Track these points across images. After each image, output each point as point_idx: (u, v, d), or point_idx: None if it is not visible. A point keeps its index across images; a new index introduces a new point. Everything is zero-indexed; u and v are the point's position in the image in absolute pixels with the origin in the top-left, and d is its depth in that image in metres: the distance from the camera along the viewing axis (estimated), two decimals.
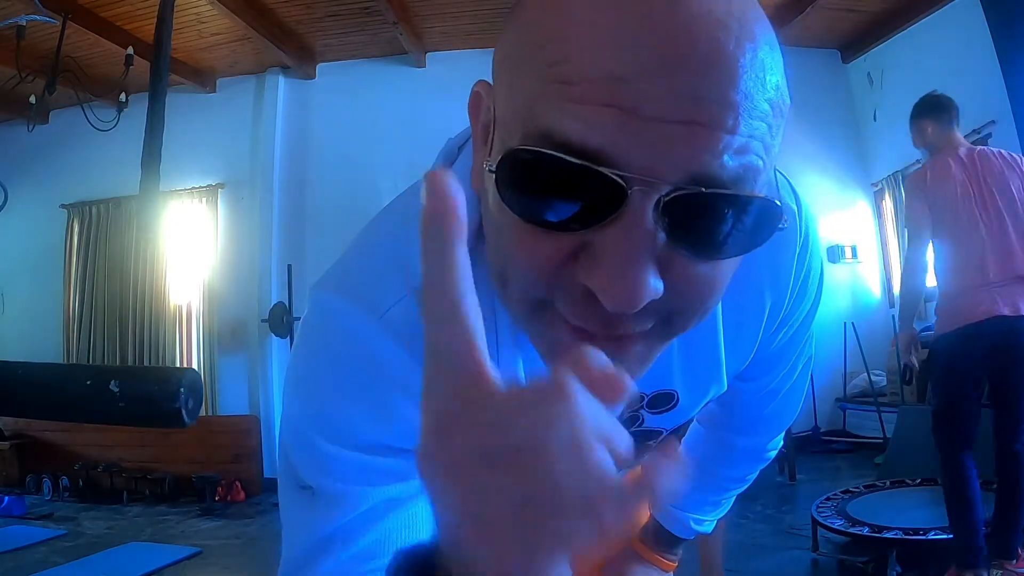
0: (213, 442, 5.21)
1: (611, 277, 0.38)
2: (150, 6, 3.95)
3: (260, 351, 5.50)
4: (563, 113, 0.38)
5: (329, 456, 0.52)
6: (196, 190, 5.83)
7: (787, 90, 0.42)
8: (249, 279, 5.61)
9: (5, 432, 5.76)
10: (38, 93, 4.41)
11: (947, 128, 2.62)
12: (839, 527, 3.02)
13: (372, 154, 5.71)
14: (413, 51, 5.52)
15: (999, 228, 2.36)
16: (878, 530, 2.89)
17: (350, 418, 0.52)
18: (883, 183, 5.65)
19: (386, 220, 0.70)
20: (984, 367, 2.37)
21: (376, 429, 0.52)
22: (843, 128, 5.88)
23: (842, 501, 3.32)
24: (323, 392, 0.54)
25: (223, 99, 5.94)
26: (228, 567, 3.51)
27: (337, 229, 5.61)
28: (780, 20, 5.33)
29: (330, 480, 0.52)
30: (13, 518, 4.50)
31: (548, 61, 0.39)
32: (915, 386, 4.50)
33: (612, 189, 0.37)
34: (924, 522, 2.89)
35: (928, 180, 2.50)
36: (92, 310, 5.89)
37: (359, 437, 0.52)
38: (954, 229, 2.41)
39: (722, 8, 0.38)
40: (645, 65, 0.37)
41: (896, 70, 5.46)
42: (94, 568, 3.45)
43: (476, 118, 0.53)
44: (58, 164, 6.12)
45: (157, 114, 2.89)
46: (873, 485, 3.54)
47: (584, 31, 0.38)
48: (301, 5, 4.95)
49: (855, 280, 5.73)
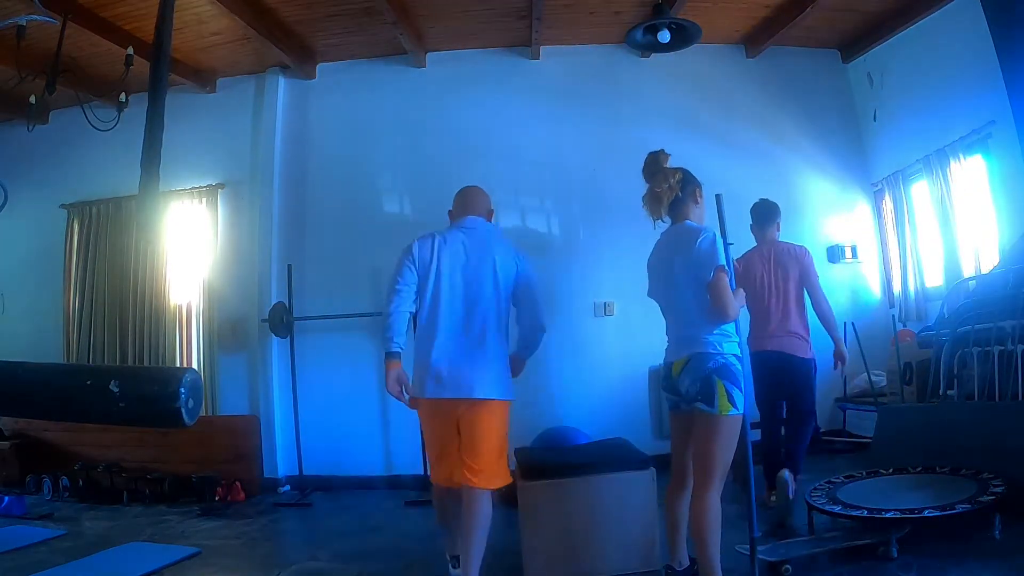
0: (213, 442, 5.21)
1: None
2: (150, 6, 3.94)
3: (260, 351, 5.50)
4: None
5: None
6: (196, 190, 5.83)
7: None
8: (249, 279, 5.61)
9: (5, 432, 5.76)
10: (38, 93, 4.41)
11: (761, 229, 4.04)
12: (838, 512, 3.08)
13: (372, 154, 5.72)
14: (413, 51, 5.52)
15: (779, 299, 3.84)
16: (877, 512, 2.94)
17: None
18: (883, 183, 5.65)
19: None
20: (772, 379, 3.83)
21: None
22: (843, 128, 5.88)
23: (830, 488, 3.39)
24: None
25: (223, 99, 5.94)
26: (228, 567, 3.51)
27: (337, 229, 5.63)
28: (780, 20, 5.33)
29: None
30: (13, 518, 4.50)
31: None
32: (915, 386, 4.52)
33: None
34: (916, 503, 2.98)
35: (739, 269, 3.85)
36: (92, 310, 5.89)
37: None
38: (753, 299, 3.88)
39: None
40: None
41: (896, 70, 5.46)
42: (94, 568, 3.45)
43: None
44: (58, 164, 6.12)
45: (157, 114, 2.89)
46: (852, 475, 3.60)
47: None
48: (301, 5, 4.95)
49: (855, 280, 5.73)
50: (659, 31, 4.61)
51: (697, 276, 2.47)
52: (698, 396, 2.42)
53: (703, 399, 2.41)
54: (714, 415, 2.39)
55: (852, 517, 3.02)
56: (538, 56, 5.69)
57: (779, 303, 3.82)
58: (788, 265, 3.84)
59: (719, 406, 2.38)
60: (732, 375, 2.41)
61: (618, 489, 3.06)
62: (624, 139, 5.40)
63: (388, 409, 5.40)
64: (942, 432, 3.63)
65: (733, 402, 2.39)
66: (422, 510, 4.58)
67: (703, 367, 2.42)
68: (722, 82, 5.79)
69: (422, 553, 3.56)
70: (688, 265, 2.50)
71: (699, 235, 2.50)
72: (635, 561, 2.98)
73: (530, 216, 5.57)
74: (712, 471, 2.41)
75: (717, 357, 2.42)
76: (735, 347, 2.48)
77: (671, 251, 2.60)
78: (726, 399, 2.38)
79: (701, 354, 2.44)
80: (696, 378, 2.42)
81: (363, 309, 5.37)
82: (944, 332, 4.18)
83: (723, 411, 2.38)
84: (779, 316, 3.82)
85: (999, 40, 4.08)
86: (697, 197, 2.66)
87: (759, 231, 4.04)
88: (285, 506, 4.87)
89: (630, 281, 5.25)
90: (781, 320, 3.81)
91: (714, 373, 2.40)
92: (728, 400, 2.38)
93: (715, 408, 2.38)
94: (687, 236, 2.54)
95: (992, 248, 4.62)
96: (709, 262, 2.44)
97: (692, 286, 2.49)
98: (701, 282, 2.46)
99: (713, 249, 2.45)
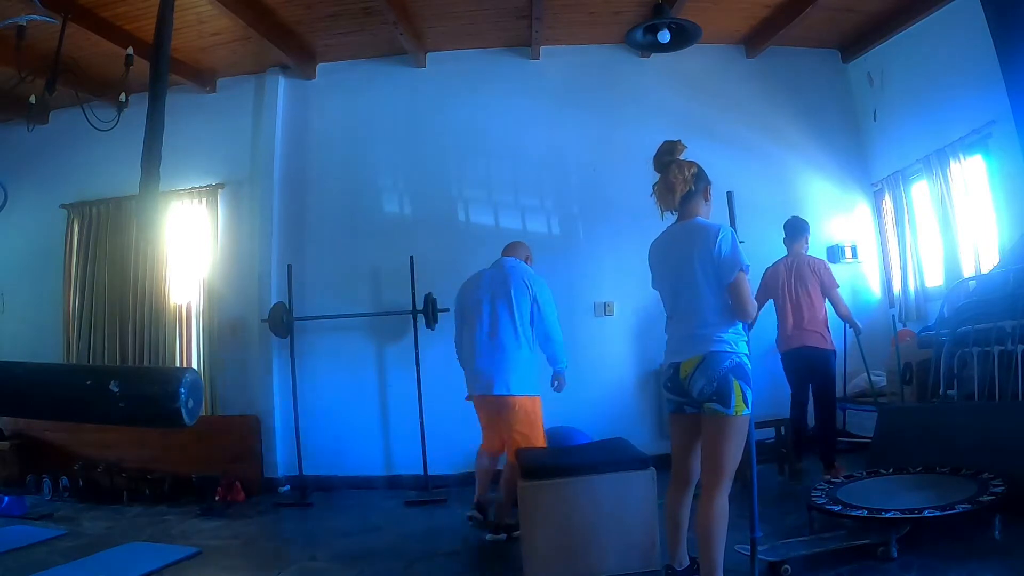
0: (213, 442, 5.21)
1: None
2: (150, 6, 3.95)
3: (260, 351, 5.50)
4: None
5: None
6: (196, 190, 5.83)
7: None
8: (249, 279, 5.61)
9: (5, 432, 5.76)
10: (38, 93, 4.40)
11: (791, 241, 4.62)
12: (838, 512, 3.08)
13: (372, 154, 5.72)
14: (413, 51, 5.52)
15: (797, 303, 4.43)
16: (877, 512, 2.94)
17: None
18: (883, 183, 5.65)
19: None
20: (798, 373, 4.50)
21: None
22: (843, 128, 5.88)
23: (830, 488, 3.40)
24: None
25: (223, 99, 5.94)
26: (228, 567, 3.51)
27: (337, 229, 5.63)
28: (780, 20, 5.33)
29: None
30: (13, 518, 4.50)
31: None
32: (915, 386, 4.52)
33: None
34: (916, 503, 2.98)
35: (767, 275, 4.61)
36: (92, 310, 5.89)
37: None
38: (777, 304, 4.54)
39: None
40: None
41: (896, 70, 5.46)
42: (94, 568, 3.45)
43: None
44: (58, 164, 6.12)
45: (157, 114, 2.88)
46: (852, 475, 3.62)
47: None
48: (301, 5, 4.95)
49: (855, 280, 5.73)
50: (659, 31, 4.61)
51: (718, 276, 2.44)
52: (713, 396, 2.38)
53: (719, 399, 2.37)
54: (728, 416, 2.36)
55: (852, 517, 3.02)
56: (538, 56, 5.69)
57: (798, 306, 4.43)
58: (806, 275, 4.44)
59: (735, 406, 2.36)
60: (746, 375, 2.40)
61: (618, 489, 3.06)
62: (624, 139, 5.41)
63: (388, 409, 5.41)
64: (942, 432, 3.63)
65: (747, 401, 2.38)
66: (422, 510, 4.59)
67: (719, 366, 2.38)
68: (722, 82, 5.79)
69: (422, 553, 3.56)
70: (707, 264, 2.45)
71: (718, 234, 2.45)
72: (635, 561, 2.98)
73: (530, 216, 5.57)
74: (723, 471, 2.39)
75: (732, 356, 2.40)
76: (746, 347, 2.47)
77: (686, 247, 2.53)
78: (741, 399, 2.36)
79: (717, 353, 2.40)
80: (712, 378, 2.38)
81: (363, 309, 5.38)
82: (944, 332, 4.18)
83: (738, 411, 2.37)
84: (798, 317, 4.42)
85: (999, 40, 4.08)
86: (707, 194, 2.64)
87: (789, 243, 4.63)
88: (285, 506, 4.87)
89: (630, 281, 5.29)
90: (798, 320, 4.42)
91: (731, 372, 2.38)
92: (743, 400, 2.37)
93: (731, 409, 2.36)
94: (703, 234, 2.49)
95: (992, 248, 4.62)
96: (732, 263, 2.41)
97: (711, 285, 2.45)
98: (722, 282, 2.43)
99: (734, 250, 2.43)
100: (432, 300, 5.10)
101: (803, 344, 4.38)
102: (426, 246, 5.36)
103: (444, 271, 5.33)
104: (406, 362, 5.25)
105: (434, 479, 5.03)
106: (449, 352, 4.08)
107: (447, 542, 3.75)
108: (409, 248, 5.25)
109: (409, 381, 5.17)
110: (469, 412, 3.97)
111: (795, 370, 4.52)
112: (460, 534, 3.86)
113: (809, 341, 4.37)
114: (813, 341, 4.37)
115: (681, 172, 2.55)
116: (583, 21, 5.36)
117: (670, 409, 2.64)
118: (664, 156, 2.62)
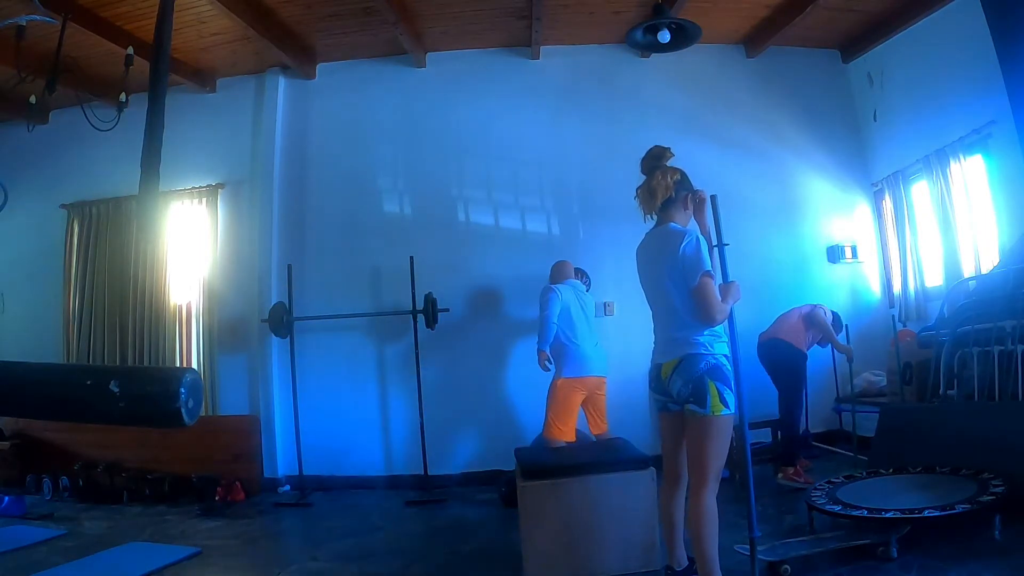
0: (213, 442, 5.22)
1: None
2: (150, 6, 3.95)
3: (260, 351, 5.50)
4: None
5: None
6: (196, 190, 5.83)
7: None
8: (249, 279, 5.61)
9: (5, 432, 5.77)
10: (38, 93, 4.40)
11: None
12: (838, 512, 3.08)
13: (372, 154, 5.72)
14: (413, 51, 5.52)
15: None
16: (877, 512, 2.94)
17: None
18: (883, 183, 5.65)
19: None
20: (768, 367, 4.68)
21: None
22: (843, 128, 5.88)
23: (830, 488, 3.39)
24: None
25: (223, 99, 5.94)
26: (228, 567, 3.51)
27: (337, 229, 5.63)
28: (780, 20, 5.33)
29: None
30: (13, 518, 4.50)
31: None
32: (915, 386, 4.51)
33: None
34: (916, 503, 2.97)
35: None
36: (92, 310, 5.89)
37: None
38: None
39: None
40: None
41: (896, 70, 5.46)
42: (94, 568, 3.45)
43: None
44: (58, 164, 6.12)
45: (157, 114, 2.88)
46: (852, 475, 3.61)
47: None
48: (301, 5, 4.95)
49: (855, 280, 5.73)
50: (659, 31, 4.60)
51: (684, 280, 2.47)
52: (690, 398, 2.42)
53: (695, 400, 2.41)
54: (707, 416, 2.39)
55: (852, 517, 3.02)
56: (538, 56, 5.69)
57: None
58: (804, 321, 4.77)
59: (711, 407, 2.39)
60: (723, 376, 2.42)
61: (618, 489, 3.06)
62: (624, 139, 5.40)
63: (388, 409, 5.40)
64: (942, 432, 3.63)
65: (725, 402, 2.40)
66: (422, 510, 4.58)
67: (695, 368, 2.42)
68: (722, 82, 5.79)
69: (422, 553, 3.56)
70: (674, 269, 2.49)
71: (683, 239, 2.48)
72: (635, 561, 2.98)
73: (530, 216, 5.56)
74: (706, 471, 2.42)
75: (708, 358, 2.43)
76: (725, 347, 2.49)
77: (658, 252, 2.59)
78: (718, 399, 2.39)
79: (692, 355, 2.44)
80: (688, 380, 2.43)
81: (363, 309, 5.37)
82: (944, 332, 4.18)
83: (715, 411, 2.39)
84: (780, 321, 4.72)
85: (999, 40, 4.08)
86: (687, 203, 2.65)
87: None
88: (285, 506, 4.87)
89: (630, 281, 5.22)
90: (778, 322, 4.72)
91: (706, 375, 2.41)
92: (720, 400, 2.39)
93: (707, 409, 2.39)
94: (672, 239, 2.52)
95: (992, 248, 4.62)
96: (694, 267, 2.43)
97: (679, 289, 2.49)
98: (688, 287, 2.46)
99: (698, 254, 2.44)
100: (432, 300, 5.10)
101: (773, 336, 4.59)
102: (426, 246, 5.36)
103: (444, 271, 5.34)
104: (406, 362, 5.24)
105: (434, 479, 5.04)
106: (449, 352, 4.08)
107: (447, 542, 3.75)
108: (409, 248, 5.25)
109: (409, 381, 5.17)
110: (469, 412, 4.02)
111: (764, 363, 4.66)
112: (460, 534, 3.86)
113: (781, 335, 4.58)
114: (786, 336, 4.56)
115: (664, 178, 2.59)
116: (583, 21, 5.36)
117: (657, 408, 2.68)
118: (651, 160, 2.66)
